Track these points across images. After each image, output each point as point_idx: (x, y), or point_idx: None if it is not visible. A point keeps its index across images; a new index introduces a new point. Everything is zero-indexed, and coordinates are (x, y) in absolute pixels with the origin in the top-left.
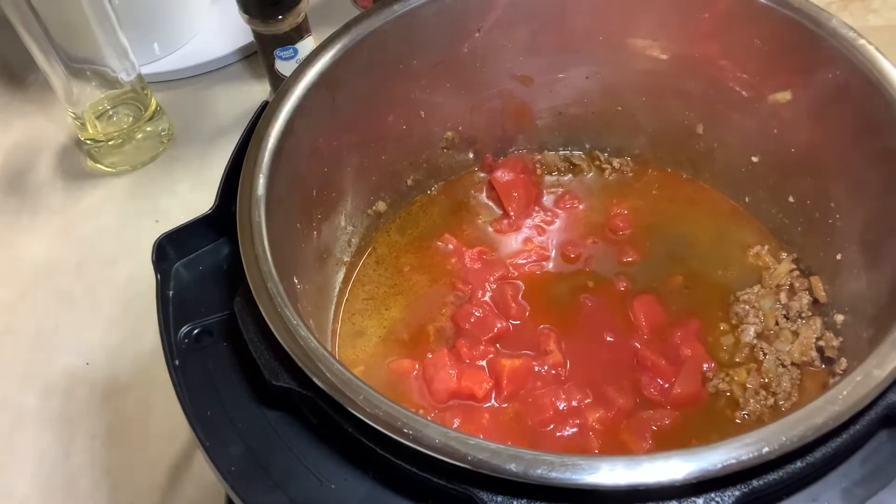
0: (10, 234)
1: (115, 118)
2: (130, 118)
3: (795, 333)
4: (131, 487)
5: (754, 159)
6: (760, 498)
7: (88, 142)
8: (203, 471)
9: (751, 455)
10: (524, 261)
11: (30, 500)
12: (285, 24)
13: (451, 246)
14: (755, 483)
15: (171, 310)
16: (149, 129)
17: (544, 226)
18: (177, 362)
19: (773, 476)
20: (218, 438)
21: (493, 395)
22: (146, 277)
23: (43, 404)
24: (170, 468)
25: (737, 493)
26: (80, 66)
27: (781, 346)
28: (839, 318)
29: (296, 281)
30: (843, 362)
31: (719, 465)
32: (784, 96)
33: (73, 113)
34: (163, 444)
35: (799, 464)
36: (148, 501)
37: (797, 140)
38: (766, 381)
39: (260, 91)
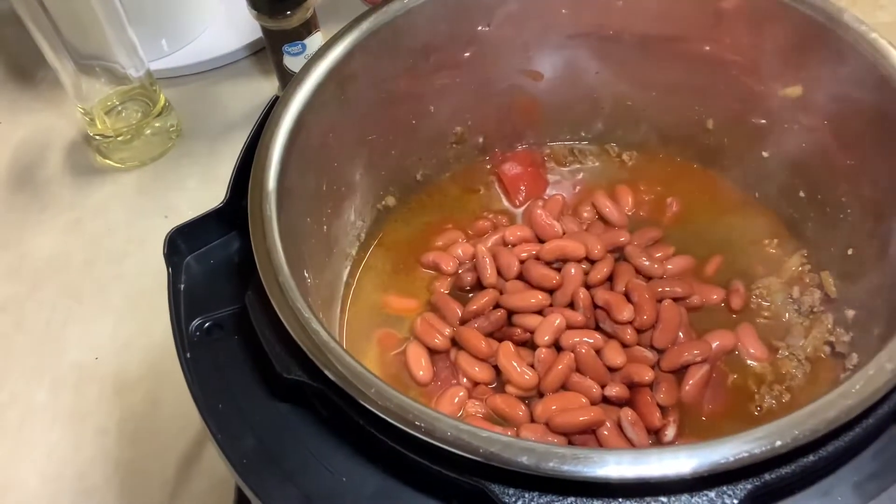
0: (19, 230)
1: (123, 114)
2: (139, 114)
3: (808, 328)
4: (142, 481)
5: (765, 154)
6: (772, 492)
7: (97, 137)
8: (213, 463)
9: (763, 448)
10: None
11: (40, 494)
12: (294, 19)
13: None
14: (767, 477)
15: (183, 303)
16: (157, 124)
17: None
18: (188, 355)
19: (784, 470)
20: (229, 431)
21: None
22: (155, 273)
23: (52, 399)
24: (180, 461)
25: (748, 486)
26: (89, 62)
27: (794, 340)
28: (850, 313)
29: (306, 275)
30: (854, 357)
31: (731, 459)
32: (795, 91)
33: (82, 109)
34: (173, 437)
35: (811, 457)
36: (158, 494)
37: (808, 135)
38: (782, 374)
39: (268, 87)
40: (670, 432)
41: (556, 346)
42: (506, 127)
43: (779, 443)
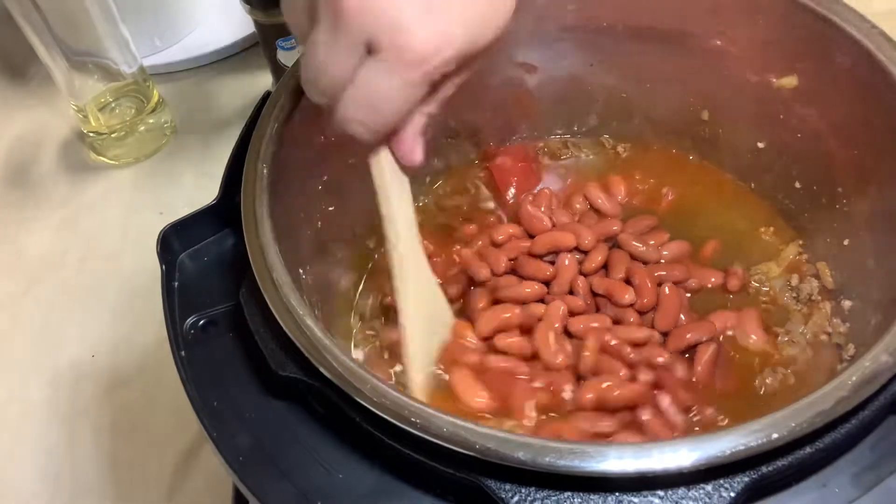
0: (13, 228)
1: (117, 110)
2: (133, 110)
3: (807, 316)
4: (139, 479)
5: (760, 145)
6: (770, 484)
7: (91, 134)
8: (210, 462)
9: (760, 441)
10: None
11: (37, 493)
12: None
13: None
14: (764, 469)
15: (177, 301)
16: (151, 121)
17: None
18: (183, 353)
19: (782, 462)
20: (225, 429)
21: None
22: (150, 269)
23: (49, 397)
24: (177, 459)
25: (746, 479)
26: (82, 59)
27: (793, 326)
28: (846, 303)
29: (301, 272)
30: (851, 348)
31: (727, 452)
32: (790, 81)
33: (76, 105)
34: (169, 435)
35: (808, 449)
36: (155, 493)
37: (803, 125)
38: (784, 357)
39: (262, 82)
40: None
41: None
42: (500, 119)
43: (776, 435)
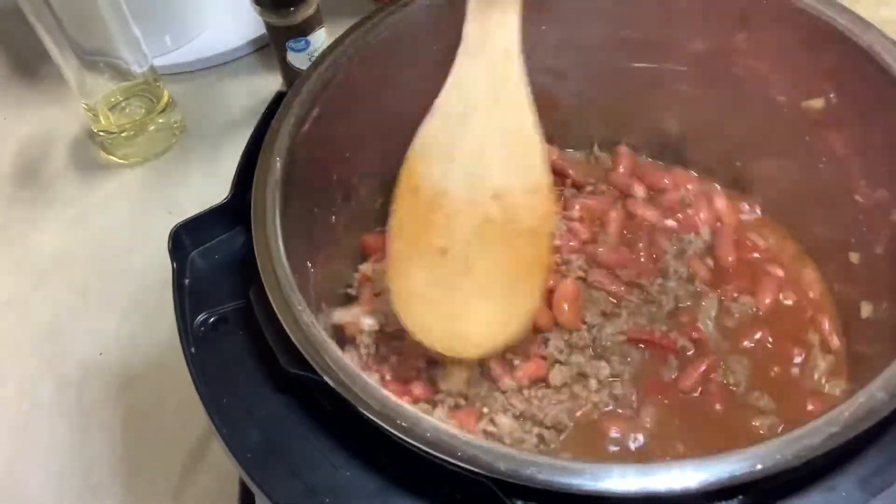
0: (24, 226)
1: (127, 110)
2: (143, 110)
3: None
4: (147, 476)
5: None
6: (777, 488)
7: (101, 133)
8: (218, 458)
9: (745, 471)
10: None
11: (45, 491)
12: (297, 15)
13: None
14: None
15: (188, 298)
16: (161, 120)
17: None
18: (193, 350)
19: None
20: (234, 426)
21: None
22: (159, 268)
23: (57, 395)
24: (185, 457)
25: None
26: (93, 58)
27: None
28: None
29: (309, 265)
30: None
31: (710, 481)
32: (817, 103)
33: (86, 105)
34: (177, 432)
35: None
36: (163, 490)
37: (828, 148)
38: None
39: (272, 83)
40: None
41: None
42: None
43: (759, 466)
